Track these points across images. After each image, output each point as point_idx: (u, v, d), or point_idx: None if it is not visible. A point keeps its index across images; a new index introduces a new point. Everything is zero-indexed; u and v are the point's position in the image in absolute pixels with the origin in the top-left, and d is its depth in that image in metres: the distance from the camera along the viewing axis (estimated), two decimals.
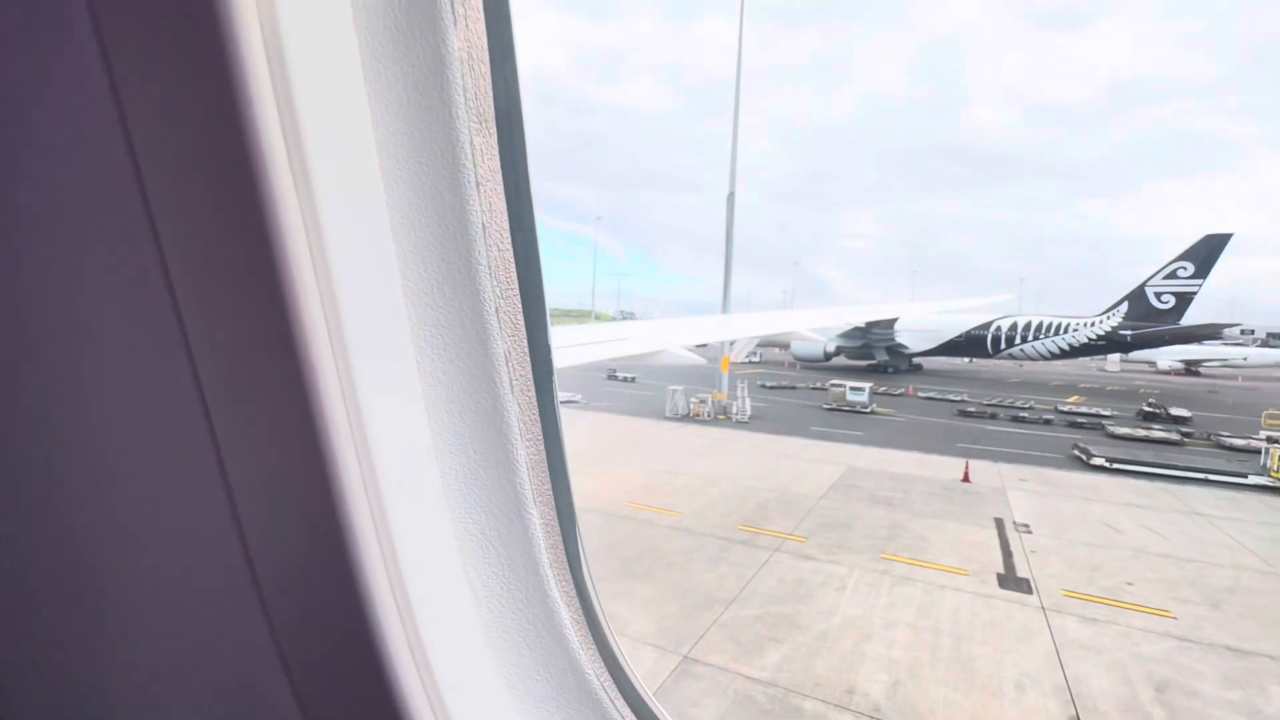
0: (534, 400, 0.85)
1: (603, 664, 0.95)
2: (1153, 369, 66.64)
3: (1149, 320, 47.59)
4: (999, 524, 13.84)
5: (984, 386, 44.50)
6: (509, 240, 0.82)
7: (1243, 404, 37.75)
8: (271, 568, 0.74)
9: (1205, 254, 45.41)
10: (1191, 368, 65.11)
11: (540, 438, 0.86)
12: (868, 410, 30.86)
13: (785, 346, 55.62)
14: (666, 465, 18.32)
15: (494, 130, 0.80)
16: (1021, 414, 30.93)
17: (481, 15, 0.78)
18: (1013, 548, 12.30)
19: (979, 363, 62.35)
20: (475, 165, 0.78)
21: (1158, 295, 47.16)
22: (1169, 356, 63.64)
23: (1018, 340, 52.66)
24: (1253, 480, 18.22)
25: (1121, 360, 64.10)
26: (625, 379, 41.44)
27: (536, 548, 0.84)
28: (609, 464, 18.20)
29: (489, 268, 0.78)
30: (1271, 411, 22.45)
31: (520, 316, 0.83)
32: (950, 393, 38.83)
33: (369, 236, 0.73)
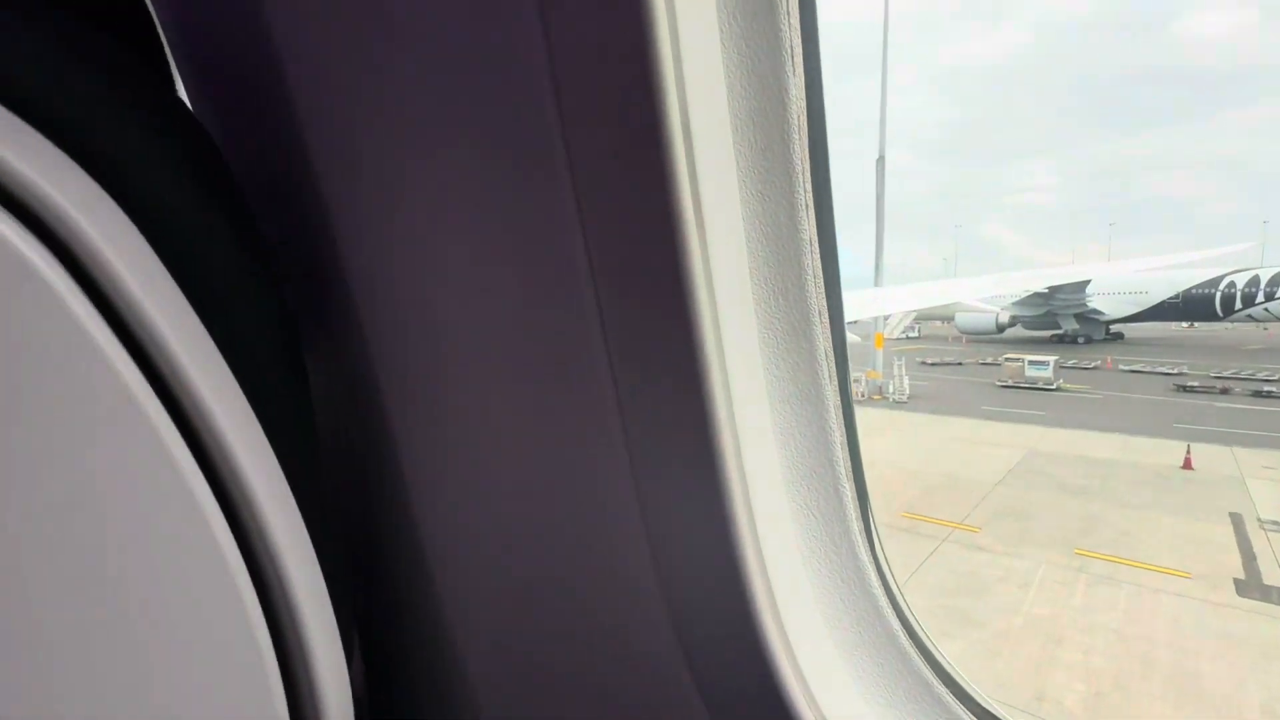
0: (843, 387, 0.91)
1: (901, 622, 0.98)
2: None
3: None
4: (1235, 519, 11.60)
5: (1210, 356, 37.09)
6: (820, 250, 0.83)
7: None
8: (671, 565, 0.83)
9: None
10: None
11: (846, 421, 0.92)
12: (1053, 387, 27.28)
13: (948, 319, 50.99)
14: None
15: (806, 140, 0.74)
16: (1267, 388, 25.42)
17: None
18: (1256, 549, 10.25)
19: (1202, 328, 52.11)
20: (805, 184, 0.75)
21: None
22: None
23: (1259, 299, 43.11)
24: None
25: None
26: None
27: (849, 517, 0.90)
28: None
29: (814, 276, 0.81)
30: None
31: (832, 313, 0.87)
32: (1162, 364, 32.91)
33: (734, 246, 0.75)
